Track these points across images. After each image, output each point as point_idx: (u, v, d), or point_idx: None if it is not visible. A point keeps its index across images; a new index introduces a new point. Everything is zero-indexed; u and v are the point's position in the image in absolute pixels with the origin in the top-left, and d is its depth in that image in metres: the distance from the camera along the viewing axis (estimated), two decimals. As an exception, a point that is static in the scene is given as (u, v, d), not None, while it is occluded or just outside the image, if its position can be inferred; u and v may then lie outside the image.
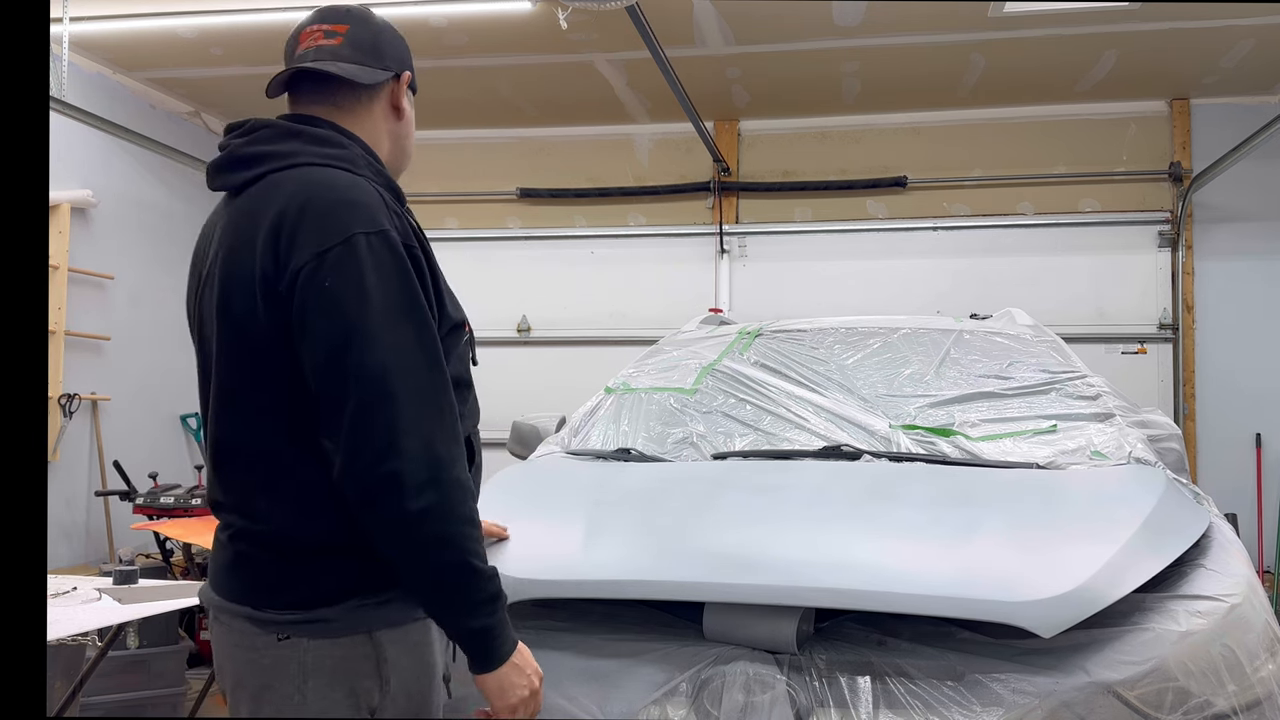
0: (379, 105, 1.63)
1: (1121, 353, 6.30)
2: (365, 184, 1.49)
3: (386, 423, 1.36)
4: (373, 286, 1.39)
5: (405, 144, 1.70)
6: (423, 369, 1.41)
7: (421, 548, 1.38)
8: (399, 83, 1.65)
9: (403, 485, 1.35)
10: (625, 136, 7.01)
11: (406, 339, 1.40)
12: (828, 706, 1.71)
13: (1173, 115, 6.35)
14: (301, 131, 1.54)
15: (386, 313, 1.40)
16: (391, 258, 1.42)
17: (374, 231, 1.42)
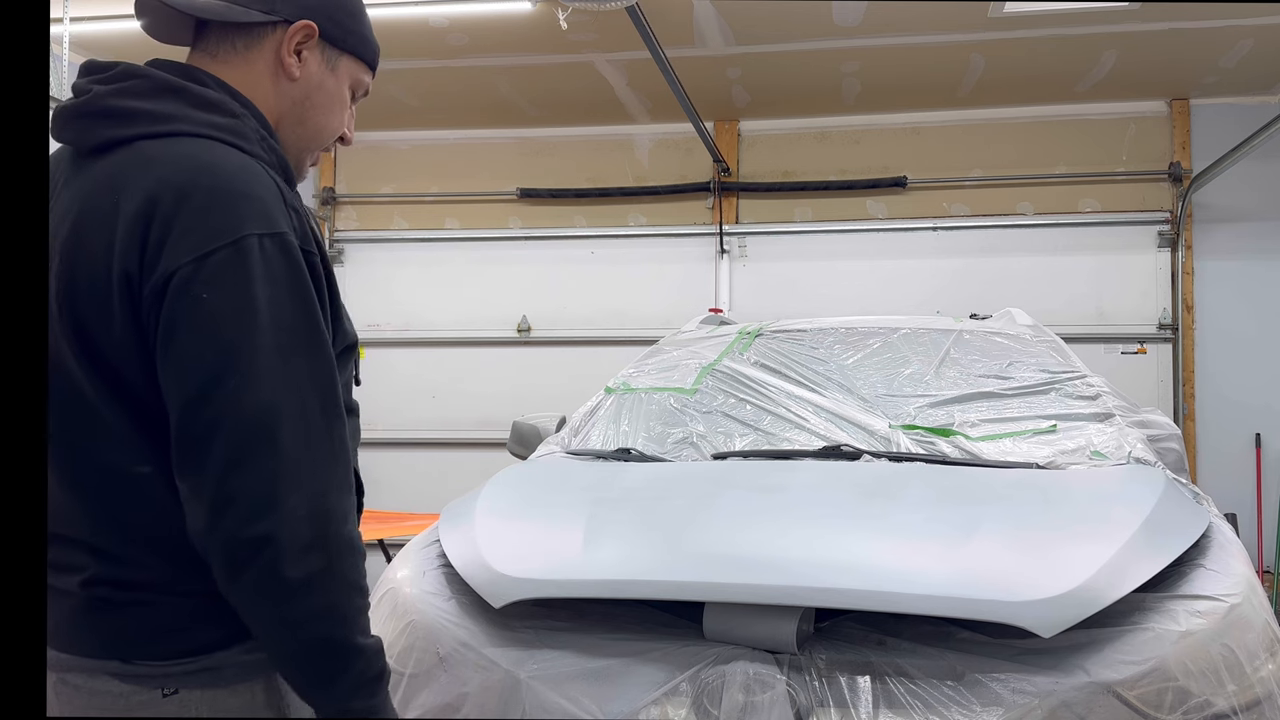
0: (262, 61, 1.30)
1: (1121, 353, 6.30)
2: (258, 168, 1.20)
3: (266, 474, 1.10)
4: (263, 304, 1.13)
5: (304, 112, 1.34)
6: (316, 410, 1.15)
7: (298, 622, 1.13)
8: (286, 33, 1.30)
9: (281, 549, 1.10)
10: (625, 136, 7.02)
11: (299, 372, 1.15)
12: (828, 706, 1.71)
13: (1173, 115, 6.35)
14: (184, 89, 1.22)
15: (277, 338, 1.13)
16: (288, 268, 1.15)
17: (270, 234, 1.15)
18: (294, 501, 1.12)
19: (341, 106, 1.38)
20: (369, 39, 1.40)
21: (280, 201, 1.19)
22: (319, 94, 1.34)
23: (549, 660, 1.86)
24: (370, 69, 1.42)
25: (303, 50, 1.32)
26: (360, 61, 1.39)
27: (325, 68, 1.34)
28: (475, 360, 6.85)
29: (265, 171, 1.21)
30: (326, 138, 1.39)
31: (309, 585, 1.12)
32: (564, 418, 3.52)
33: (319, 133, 1.37)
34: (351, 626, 1.16)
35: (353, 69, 1.38)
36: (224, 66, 1.29)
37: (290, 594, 1.12)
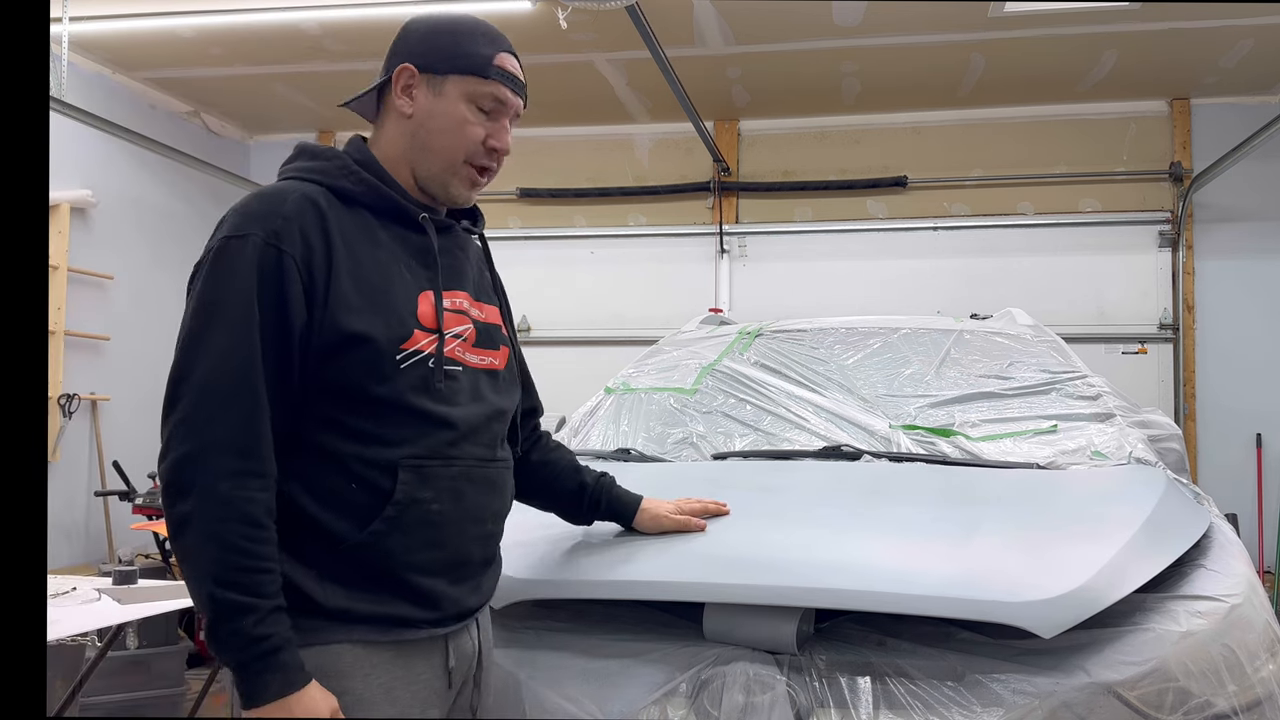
0: (389, 112, 1.55)
1: (1122, 353, 6.30)
2: (288, 189, 1.43)
3: (171, 426, 1.33)
4: (205, 290, 1.36)
5: (425, 139, 1.52)
6: (216, 378, 1.33)
7: (179, 559, 1.31)
8: (394, 81, 1.53)
9: (167, 488, 1.31)
10: (625, 136, 7.02)
11: (210, 346, 1.33)
12: (828, 707, 1.71)
13: (1173, 115, 6.35)
14: (306, 150, 1.54)
15: (202, 318, 1.35)
16: (235, 262, 1.36)
17: (236, 235, 1.37)
18: (178, 452, 1.31)
19: (462, 123, 1.51)
20: (471, 52, 1.52)
21: (273, 212, 1.39)
22: (432, 120, 1.52)
23: (549, 660, 1.86)
24: (482, 76, 1.52)
25: (412, 89, 1.52)
26: (467, 76, 1.51)
27: (432, 95, 1.52)
28: (475, 360, 6.83)
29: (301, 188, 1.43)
30: (453, 154, 1.53)
31: (178, 525, 1.30)
32: (564, 418, 3.51)
33: (445, 151, 1.52)
34: (203, 573, 1.28)
35: (461, 85, 1.51)
36: (380, 123, 1.57)
37: (171, 531, 1.31)
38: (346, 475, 1.40)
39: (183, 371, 1.34)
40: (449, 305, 1.52)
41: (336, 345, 1.38)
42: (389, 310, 1.43)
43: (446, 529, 1.46)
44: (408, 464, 1.41)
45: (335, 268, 1.40)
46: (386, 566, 1.41)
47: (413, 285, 1.49)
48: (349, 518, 1.39)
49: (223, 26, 5.36)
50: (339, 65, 5.89)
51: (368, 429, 1.40)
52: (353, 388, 1.40)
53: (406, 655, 1.43)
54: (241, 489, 1.30)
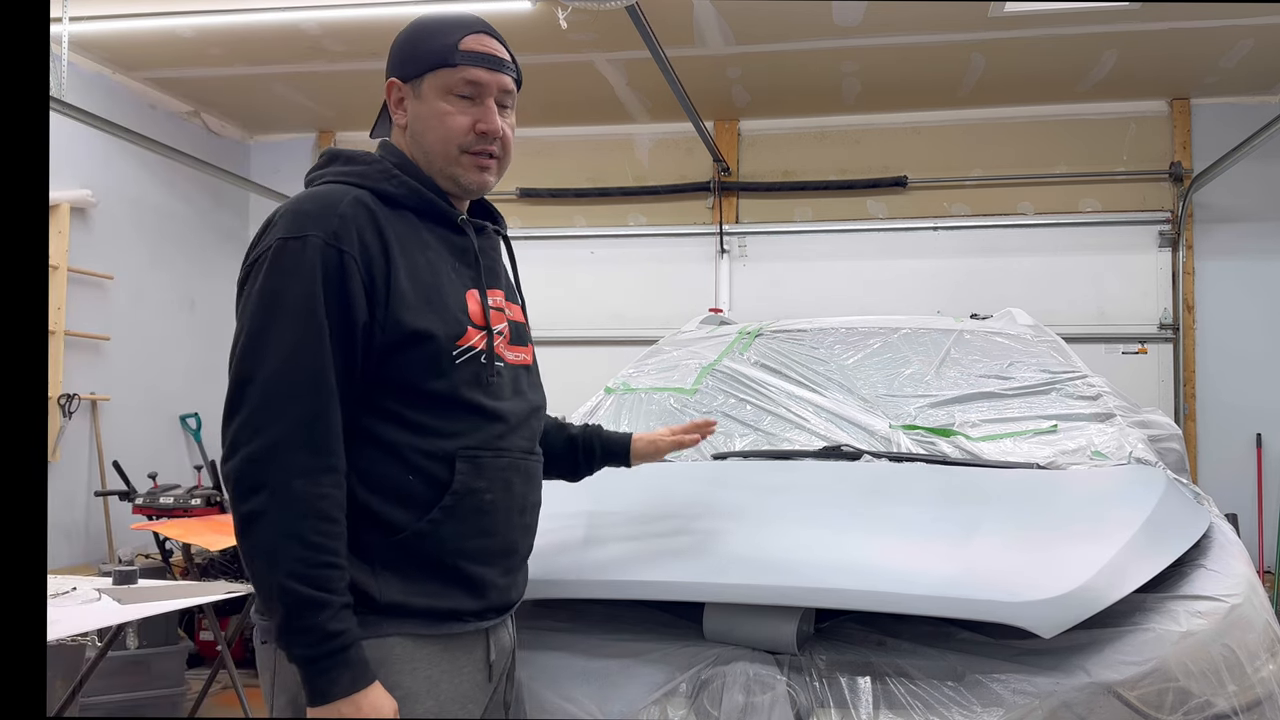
0: (394, 126, 1.63)
1: (1122, 353, 6.30)
2: (338, 192, 1.47)
3: (237, 424, 1.35)
4: (268, 290, 1.39)
5: (421, 143, 1.58)
6: (286, 376, 1.35)
7: (245, 554, 1.34)
8: (389, 99, 1.62)
9: (235, 488, 1.33)
10: (625, 136, 7.02)
11: (276, 344, 1.36)
12: (828, 707, 1.71)
13: (1173, 115, 6.35)
14: (340, 155, 1.58)
15: (265, 316, 1.38)
16: (298, 262, 1.39)
17: (294, 236, 1.40)
18: (249, 450, 1.33)
19: (443, 116, 1.55)
20: (432, 48, 1.55)
21: (329, 213, 1.42)
22: (419, 123, 1.57)
23: (549, 660, 1.86)
24: (447, 65, 1.54)
25: (402, 100, 1.59)
26: (435, 70, 1.55)
27: (416, 101, 1.57)
28: (475, 360, 6.83)
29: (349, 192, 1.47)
30: (444, 147, 1.56)
31: (249, 522, 1.32)
32: (563, 417, 3.51)
33: (439, 146, 1.56)
34: (278, 569, 1.30)
35: (434, 81, 1.55)
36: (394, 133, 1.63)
37: (240, 527, 1.33)
38: (404, 466, 1.44)
39: (248, 370, 1.36)
40: (491, 303, 1.58)
41: (399, 343, 1.43)
42: (444, 308, 1.49)
43: (497, 518, 1.52)
44: (464, 455, 1.47)
45: (393, 268, 1.44)
46: (441, 554, 1.45)
47: (459, 284, 1.55)
48: (407, 507, 1.43)
49: (223, 26, 5.36)
50: (339, 65, 5.89)
51: (425, 421, 1.45)
52: (411, 383, 1.45)
53: (452, 649, 1.47)
54: (316, 485, 1.33)
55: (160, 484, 5.55)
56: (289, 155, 7.40)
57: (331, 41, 5.51)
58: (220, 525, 4.50)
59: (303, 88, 6.38)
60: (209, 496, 5.37)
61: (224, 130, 7.19)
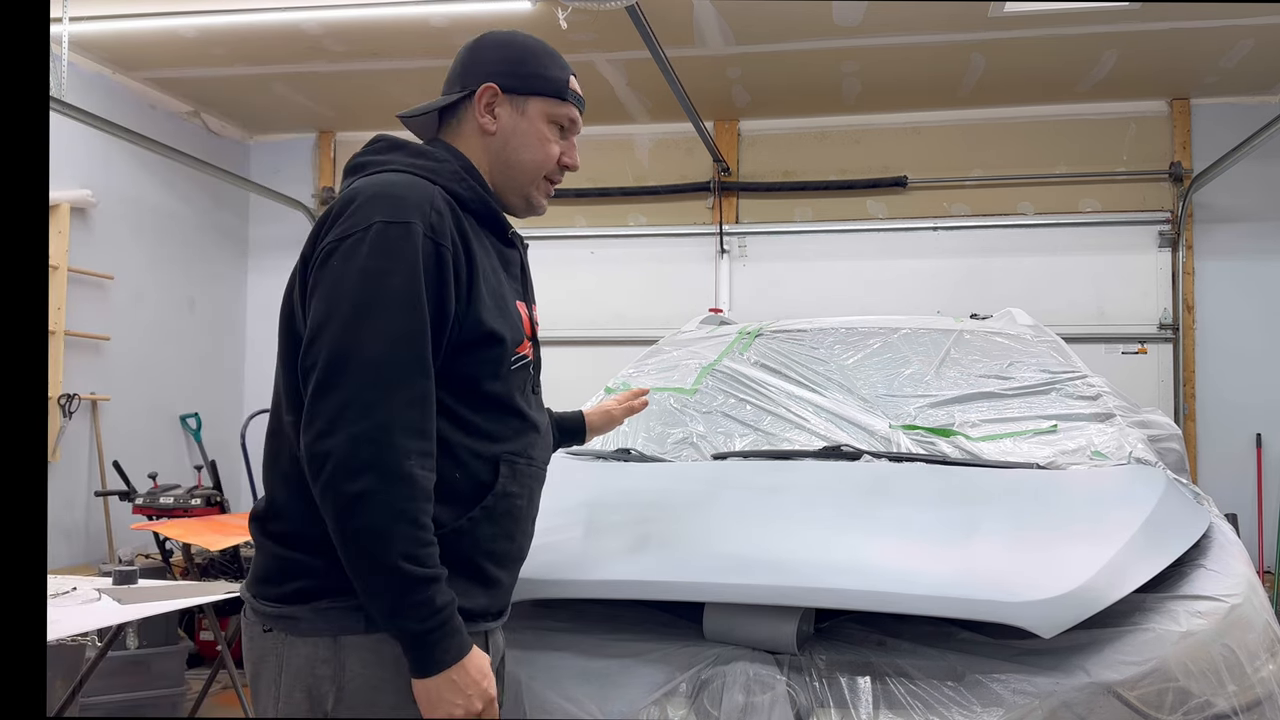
0: (466, 127, 1.63)
1: (1122, 353, 6.30)
2: (424, 184, 1.48)
3: (339, 401, 1.34)
4: (368, 270, 1.38)
5: (507, 156, 1.63)
6: (391, 359, 1.36)
7: (349, 535, 1.34)
8: (475, 99, 1.61)
9: (339, 466, 1.32)
10: (625, 136, 7.02)
11: (382, 326, 1.37)
12: (828, 707, 1.71)
13: (1173, 115, 6.35)
14: (405, 145, 1.58)
15: (370, 297, 1.37)
16: (403, 247, 1.40)
17: (396, 221, 1.41)
18: (357, 429, 1.32)
19: (542, 141, 1.64)
20: (549, 75, 1.65)
21: (428, 204, 1.44)
22: (515, 138, 1.62)
23: (549, 661, 1.86)
24: (560, 99, 1.65)
25: (494, 107, 1.61)
26: (547, 98, 1.64)
27: (515, 114, 1.62)
28: (475, 360, 6.84)
29: (432, 186, 1.48)
30: (536, 170, 1.65)
31: (358, 502, 1.32)
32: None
33: (526, 168, 1.64)
34: (392, 549, 1.32)
35: (542, 106, 1.64)
36: (452, 136, 1.64)
37: (343, 507, 1.32)
38: (454, 463, 1.46)
39: (348, 348, 1.35)
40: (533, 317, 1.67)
41: (473, 341, 1.47)
42: (509, 314, 1.55)
43: (521, 523, 1.59)
44: (506, 459, 1.53)
45: (475, 268, 1.48)
46: (473, 553, 1.48)
47: (512, 294, 1.60)
48: (451, 504, 1.45)
49: (223, 26, 5.36)
50: (339, 65, 5.89)
51: (477, 422, 1.49)
52: (472, 381, 1.48)
53: None
54: (424, 468, 1.37)
55: (160, 484, 5.55)
56: (289, 155, 7.40)
57: (332, 41, 5.51)
58: (220, 525, 4.50)
59: (303, 88, 6.38)
60: (209, 496, 5.37)
61: (224, 130, 7.19)
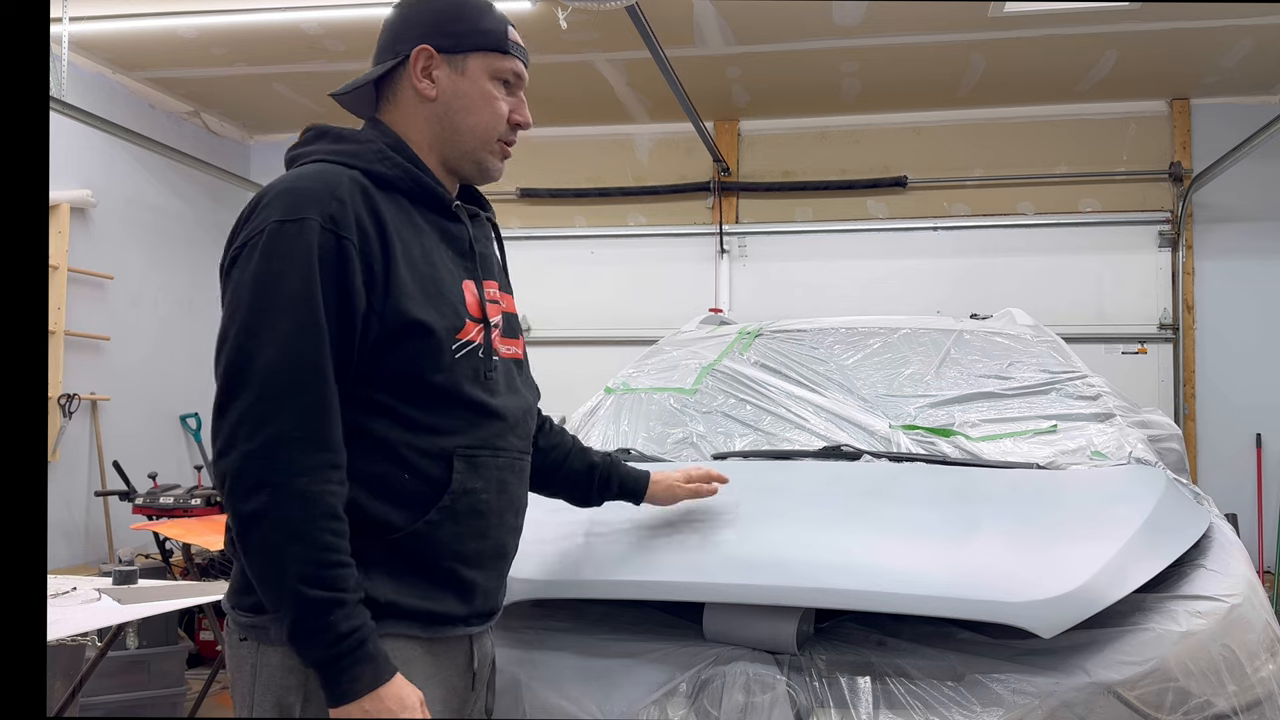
0: (404, 97, 1.52)
1: (1122, 353, 6.30)
2: (331, 173, 1.39)
3: (234, 418, 1.27)
4: (261, 276, 1.31)
5: (453, 122, 1.51)
6: (287, 368, 1.28)
7: (247, 553, 1.28)
8: (409, 65, 1.50)
9: (234, 485, 1.26)
10: (625, 136, 7.02)
11: (274, 334, 1.29)
12: (828, 707, 1.71)
13: (1173, 115, 6.35)
14: (328, 132, 1.50)
15: (262, 304, 1.30)
16: (294, 245, 1.31)
17: (291, 219, 1.32)
18: (249, 446, 1.26)
19: (488, 100, 1.52)
20: (486, 28, 1.52)
21: (326, 195, 1.35)
22: (458, 101, 1.51)
23: (549, 661, 1.86)
24: (501, 52, 1.52)
25: (431, 71, 1.50)
26: (487, 53, 1.51)
27: (455, 76, 1.51)
28: (475, 360, 6.84)
29: (343, 173, 1.40)
30: (487, 133, 1.53)
31: (251, 521, 1.26)
32: (564, 418, 3.51)
33: (475, 131, 1.53)
34: (287, 571, 1.25)
35: (483, 63, 1.52)
36: (389, 111, 1.53)
37: (240, 526, 1.27)
38: (400, 464, 1.39)
39: (242, 360, 1.29)
40: (486, 295, 1.52)
41: (397, 334, 1.37)
42: (443, 299, 1.43)
43: (491, 519, 1.48)
44: (462, 454, 1.43)
45: (391, 255, 1.38)
46: (437, 557, 1.41)
47: (455, 274, 1.49)
48: (403, 507, 1.38)
49: (223, 26, 5.36)
50: (339, 65, 5.89)
51: (420, 418, 1.40)
52: (408, 376, 1.39)
53: (437, 653, 1.44)
54: (323, 482, 1.28)
55: (160, 484, 5.55)
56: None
57: (332, 41, 5.51)
58: (220, 525, 4.50)
59: (303, 88, 6.38)
60: (209, 496, 5.37)
61: (224, 130, 7.18)
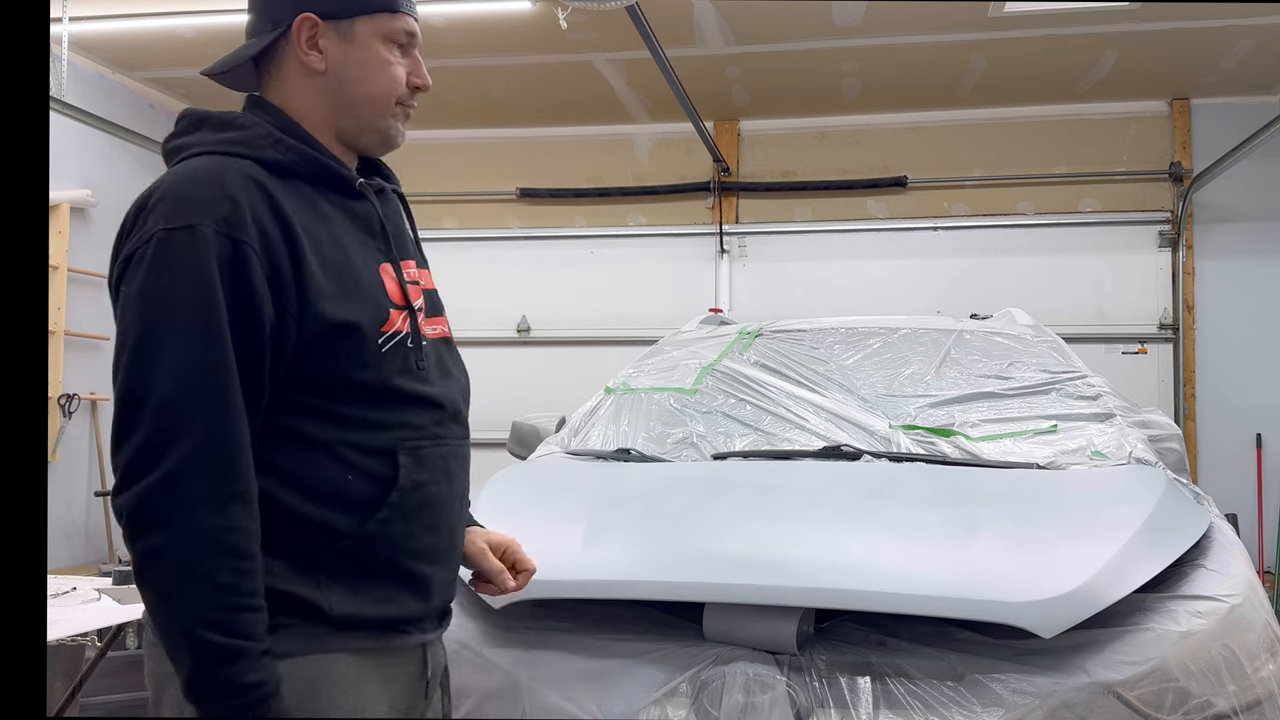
0: (290, 71, 1.39)
1: (1122, 353, 6.30)
2: (220, 167, 1.27)
3: (131, 450, 1.16)
4: (152, 291, 1.19)
5: (347, 94, 1.38)
6: (190, 393, 1.17)
7: (148, 600, 1.18)
8: (292, 36, 1.36)
9: (130, 523, 1.16)
10: (625, 136, 7.01)
11: (175, 356, 1.17)
12: (828, 707, 1.71)
13: (1173, 115, 6.35)
14: (208, 118, 1.36)
15: (157, 323, 1.18)
16: (187, 256, 1.19)
17: (178, 227, 1.20)
18: (146, 481, 1.15)
19: (382, 65, 1.39)
20: None
21: (216, 195, 1.23)
22: (350, 70, 1.38)
23: (549, 661, 1.86)
24: (392, 11, 1.39)
25: (317, 40, 1.37)
26: (376, 15, 1.38)
27: (344, 44, 1.37)
28: (475, 360, 6.75)
29: (231, 166, 1.27)
30: (385, 100, 1.40)
31: (147, 562, 1.16)
32: (564, 418, 3.51)
33: (373, 101, 1.40)
34: (182, 613, 1.15)
35: (373, 25, 1.38)
36: (273, 87, 1.40)
37: (137, 567, 1.17)
38: (342, 465, 1.29)
39: (138, 387, 1.17)
40: (406, 277, 1.41)
41: (319, 338, 1.27)
42: (362, 292, 1.33)
43: (442, 511, 1.40)
44: (405, 447, 1.33)
45: (300, 253, 1.26)
46: (391, 556, 1.33)
47: (370, 260, 1.37)
48: (351, 510, 1.29)
49: (223, 26, 5.36)
50: (339, 65, 5.88)
51: (357, 415, 1.31)
52: (337, 379, 1.30)
53: (388, 666, 1.35)
54: (224, 516, 1.16)
55: (160, 484, 5.56)
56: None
57: (331, 41, 5.50)
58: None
59: (303, 88, 6.37)
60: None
61: (224, 130, 7.18)
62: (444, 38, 5.39)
